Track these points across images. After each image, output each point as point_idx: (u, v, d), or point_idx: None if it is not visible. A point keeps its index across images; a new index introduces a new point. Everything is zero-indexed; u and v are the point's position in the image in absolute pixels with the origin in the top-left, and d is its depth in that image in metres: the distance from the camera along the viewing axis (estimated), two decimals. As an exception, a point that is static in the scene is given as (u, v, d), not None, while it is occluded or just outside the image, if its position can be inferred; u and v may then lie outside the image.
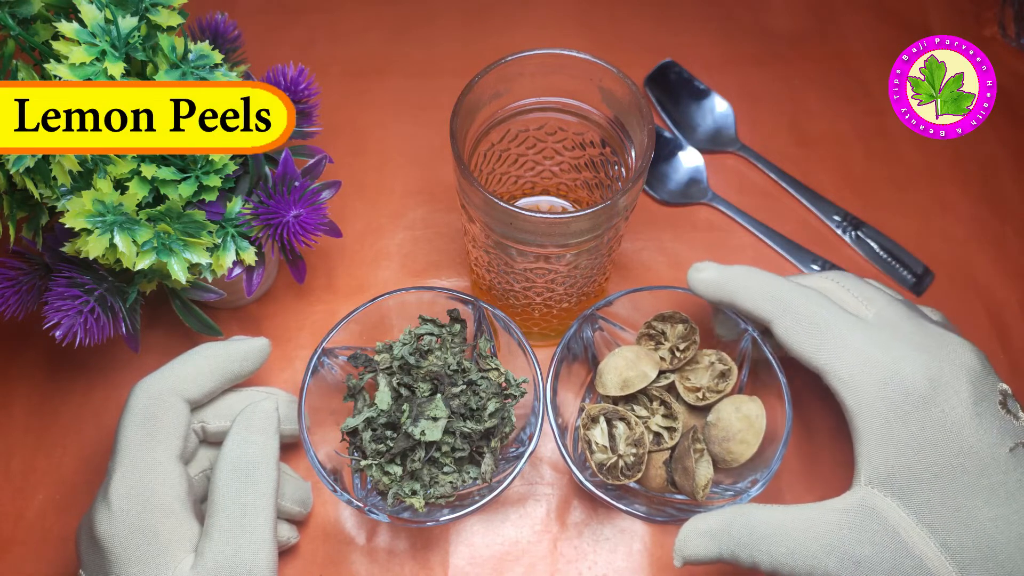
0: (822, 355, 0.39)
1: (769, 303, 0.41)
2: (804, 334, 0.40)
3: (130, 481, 0.38)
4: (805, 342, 0.40)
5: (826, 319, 0.40)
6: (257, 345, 0.44)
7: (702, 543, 0.38)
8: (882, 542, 0.36)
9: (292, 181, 0.45)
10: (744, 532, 0.38)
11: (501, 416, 0.44)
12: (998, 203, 0.57)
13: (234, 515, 0.38)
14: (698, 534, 0.39)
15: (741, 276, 0.43)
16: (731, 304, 0.42)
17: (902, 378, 0.38)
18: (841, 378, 0.39)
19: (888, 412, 0.37)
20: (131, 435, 0.39)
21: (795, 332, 0.40)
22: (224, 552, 0.37)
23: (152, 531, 0.37)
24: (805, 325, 0.40)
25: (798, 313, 0.40)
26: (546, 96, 0.45)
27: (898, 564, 0.36)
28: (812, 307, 0.40)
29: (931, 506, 0.36)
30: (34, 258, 0.45)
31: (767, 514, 0.38)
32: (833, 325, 0.40)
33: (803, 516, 0.38)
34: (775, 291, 0.41)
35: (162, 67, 0.41)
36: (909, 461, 0.37)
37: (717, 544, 0.38)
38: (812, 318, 0.40)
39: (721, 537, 0.38)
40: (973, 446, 0.36)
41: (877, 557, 0.36)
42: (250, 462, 0.39)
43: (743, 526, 0.38)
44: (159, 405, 0.40)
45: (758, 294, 0.42)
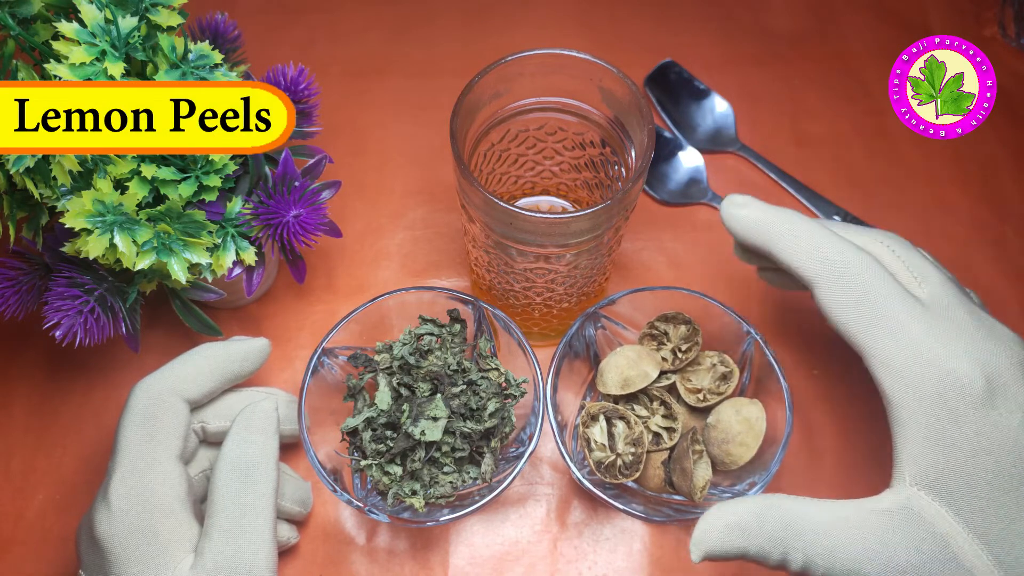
0: (872, 335, 0.35)
1: (816, 262, 0.37)
2: (854, 306, 0.36)
3: (130, 481, 0.38)
4: (854, 316, 0.36)
5: (881, 295, 0.36)
6: (257, 345, 0.44)
7: (728, 537, 0.34)
8: (930, 551, 0.33)
9: (292, 181, 0.45)
10: (778, 526, 0.34)
11: (501, 416, 0.44)
12: (998, 203, 0.57)
13: (234, 515, 0.38)
14: (723, 526, 0.34)
15: (789, 221, 0.37)
16: (767, 251, 0.38)
17: (959, 376, 0.34)
18: (891, 366, 0.35)
19: (941, 411, 0.34)
20: (131, 435, 0.39)
21: (842, 302, 0.36)
22: (224, 552, 0.37)
23: (152, 531, 0.37)
24: (856, 297, 0.36)
25: (850, 280, 0.36)
26: (546, 96, 0.45)
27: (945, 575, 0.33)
28: (867, 275, 0.36)
29: (984, 516, 0.33)
30: (34, 258, 0.45)
31: (802, 507, 0.35)
32: (888, 303, 0.35)
33: (843, 514, 0.34)
34: (826, 248, 0.37)
35: (162, 67, 0.41)
36: (962, 466, 0.34)
37: (745, 539, 0.34)
38: (866, 291, 0.36)
39: (751, 531, 0.34)
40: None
41: (924, 567, 0.33)
42: (250, 462, 0.39)
43: (777, 519, 0.34)
44: (159, 405, 0.40)
45: (806, 248, 0.37)
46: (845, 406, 0.50)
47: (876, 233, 0.40)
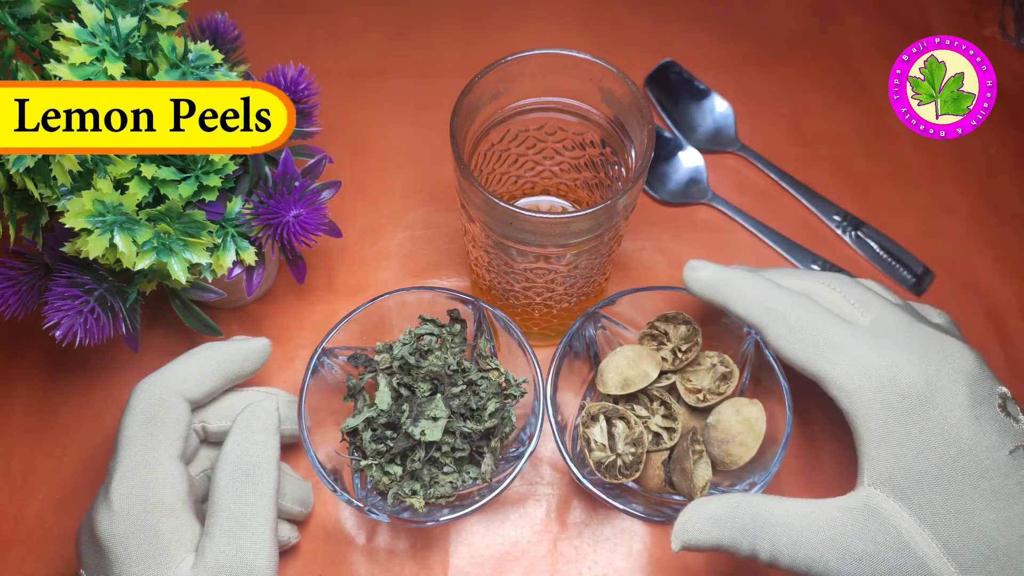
0: (819, 364, 0.39)
1: (761, 311, 0.41)
2: (798, 343, 0.40)
3: (131, 481, 0.38)
4: (800, 351, 0.40)
5: (820, 327, 0.40)
6: (258, 345, 0.44)
7: (704, 528, 0.37)
8: (884, 541, 0.36)
9: (292, 181, 0.45)
10: (748, 519, 0.37)
11: (501, 416, 0.44)
12: (998, 203, 0.57)
13: (235, 515, 0.38)
14: (700, 518, 0.38)
15: (735, 279, 0.42)
16: (723, 306, 0.42)
17: (899, 381, 0.38)
18: (839, 385, 0.39)
19: (887, 415, 0.38)
20: (132, 435, 0.39)
21: (789, 341, 0.40)
22: (225, 552, 0.37)
23: (153, 531, 0.37)
24: (799, 334, 0.40)
25: (791, 322, 0.40)
26: (546, 96, 0.45)
27: (900, 564, 0.36)
28: (805, 315, 0.40)
29: (933, 508, 0.36)
30: (34, 258, 0.45)
31: (772, 503, 0.38)
32: (827, 333, 0.40)
33: (807, 510, 0.38)
34: (767, 299, 0.41)
35: (162, 67, 0.41)
36: (910, 463, 0.37)
37: (719, 530, 0.37)
38: (806, 327, 0.40)
39: (724, 523, 0.37)
40: (972, 448, 0.36)
41: (879, 556, 0.36)
42: (251, 462, 0.39)
43: (747, 513, 0.37)
44: (160, 405, 0.40)
45: (751, 300, 0.42)
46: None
47: (819, 275, 0.43)
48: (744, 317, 0.42)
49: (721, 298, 0.42)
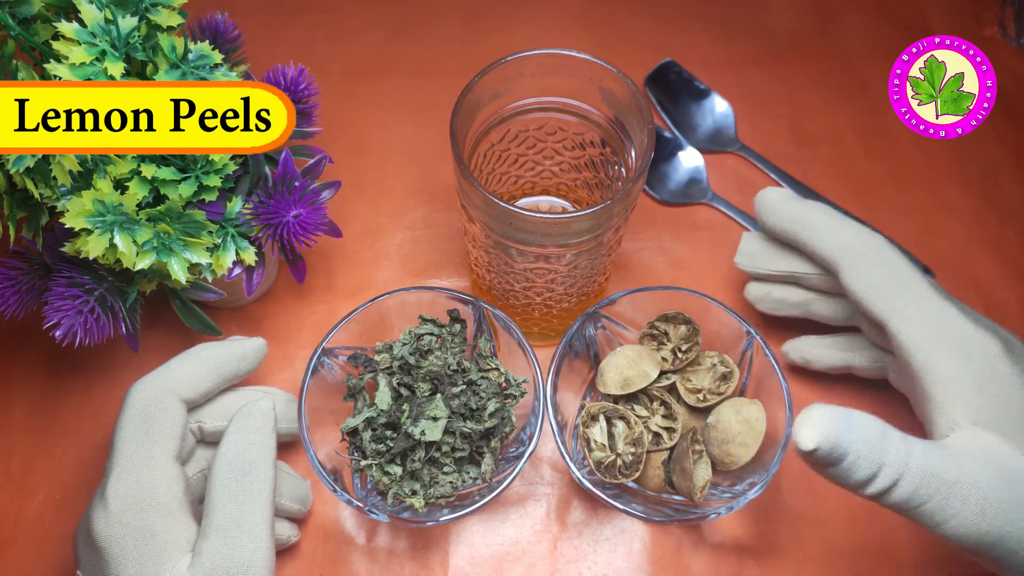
0: (899, 305, 0.40)
1: (843, 247, 0.42)
2: (880, 280, 0.41)
3: (127, 481, 0.38)
4: (881, 289, 0.40)
5: (904, 268, 0.41)
6: (254, 345, 0.44)
7: (841, 427, 0.33)
8: (1007, 477, 0.35)
9: (292, 181, 0.45)
10: (881, 430, 0.35)
11: (501, 416, 0.44)
12: (998, 203, 0.57)
13: (231, 514, 0.38)
14: (837, 416, 0.34)
15: (817, 211, 0.43)
16: (795, 239, 0.43)
17: (982, 334, 0.39)
18: (922, 328, 0.39)
19: (978, 363, 0.38)
20: (128, 435, 0.39)
21: (870, 277, 0.41)
22: (221, 551, 0.37)
23: (150, 531, 0.37)
24: (882, 272, 0.41)
25: (875, 258, 0.41)
26: (546, 96, 0.45)
27: (1021, 501, 0.35)
28: (888, 255, 0.41)
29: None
30: (34, 258, 0.45)
31: (892, 427, 0.36)
32: (908, 276, 0.41)
33: (927, 441, 0.36)
34: (849, 235, 0.42)
35: (162, 67, 0.41)
36: (1005, 408, 0.37)
37: (856, 433, 0.34)
38: (889, 266, 0.41)
39: (860, 427, 0.34)
40: None
41: (1003, 491, 0.35)
42: (247, 461, 0.39)
43: (879, 424, 0.35)
44: (156, 405, 0.40)
45: (833, 236, 0.42)
46: (845, 406, 0.50)
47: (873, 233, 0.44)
48: (817, 249, 0.42)
49: (798, 228, 0.43)
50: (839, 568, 0.46)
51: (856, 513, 0.47)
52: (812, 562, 0.46)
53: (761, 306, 0.49)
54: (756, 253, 0.48)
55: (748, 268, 0.49)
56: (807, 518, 0.47)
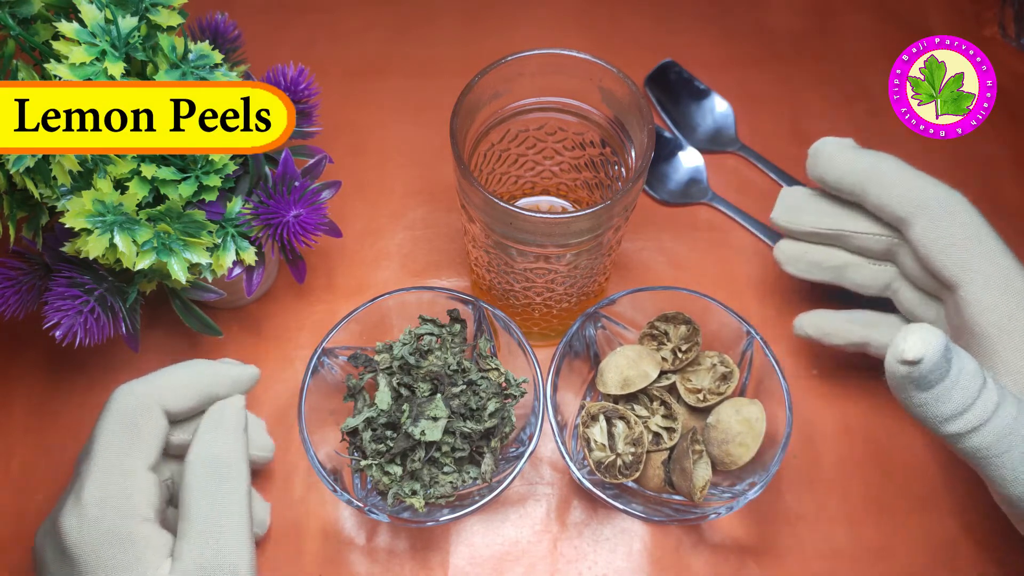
0: (973, 262, 0.38)
1: (915, 199, 0.39)
2: (954, 236, 0.39)
3: (106, 487, 0.37)
4: (959, 247, 0.38)
5: (983, 228, 0.39)
6: (248, 373, 0.42)
7: (949, 345, 0.33)
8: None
9: (292, 181, 0.45)
10: (978, 365, 0.34)
11: (501, 416, 0.44)
12: (998, 203, 0.57)
13: (211, 516, 0.37)
14: (943, 336, 0.33)
15: (886, 160, 0.40)
16: (859, 192, 0.40)
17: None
18: (1003, 287, 0.37)
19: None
20: (110, 440, 0.38)
21: (944, 233, 0.39)
22: (204, 553, 0.36)
23: (128, 538, 0.36)
24: (955, 227, 0.39)
25: (947, 213, 0.39)
26: (546, 96, 0.45)
27: None
28: (962, 211, 0.39)
29: None
30: (34, 258, 0.45)
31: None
32: (990, 236, 0.39)
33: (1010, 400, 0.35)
34: (927, 186, 0.39)
35: (162, 67, 0.41)
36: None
37: (960, 358, 0.34)
38: (969, 223, 0.39)
39: (963, 354, 0.34)
40: None
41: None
42: (222, 461, 0.38)
43: (992, 382, 0.34)
44: (141, 413, 0.38)
45: (902, 187, 0.39)
46: (845, 406, 0.50)
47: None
48: (885, 204, 0.40)
49: (859, 181, 0.40)
50: (839, 568, 0.46)
51: (856, 513, 0.47)
52: (812, 562, 0.46)
53: (791, 268, 0.46)
54: (800, 207, 0.45)
55: (789, 224, 0.45)
56: (807, 518, 0.47)
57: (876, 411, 0.49)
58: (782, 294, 0.53)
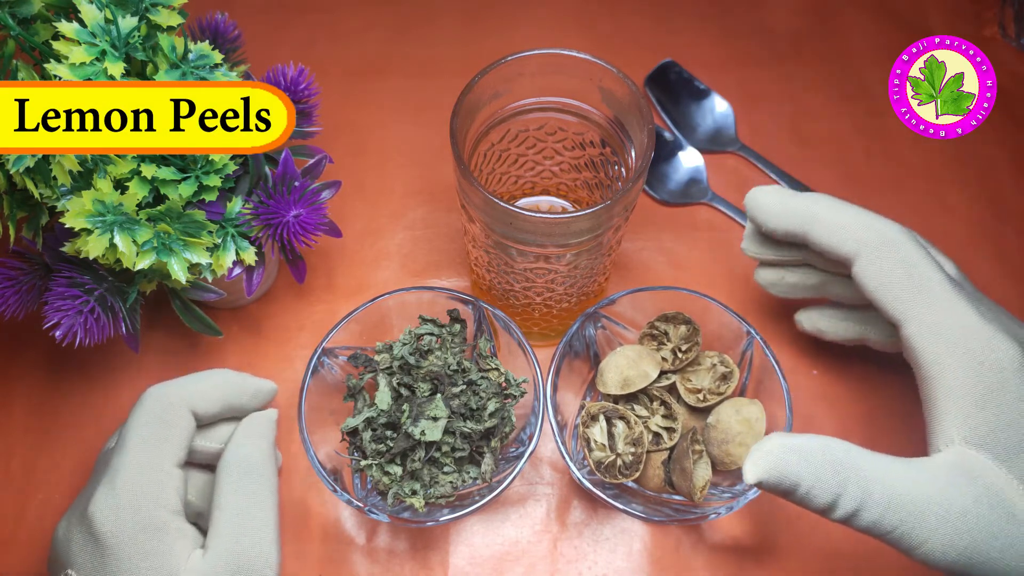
0: (915, 303, 0.37)
1: (860, 235, 0.38)
2: (896, 275, 0.37)
3: (141, 478, 0.38)
4: (898, 285, 0.37)
5: (924, 265, 0.37)
6: (267, 387, 0.45)
7: (790, 460, 0.33)
8: (987, 502, 0.34)
9: (292, 181, 0.45)
10: (840, 459, 0.34)
11: (501, 416, 0.44)
12: (998, 203, 0.57)
13: (245, 508, 0.39)
14: (786, 449, 0.34)
15: (821, 201, 0.39)
16: (802, 234, 0.40)
17: (998, 345, 0.36)
18: (937, 331, 0.36)
19: (987, 376, 0.35)
20: (145, 435, 0.40)
21: (886, 271, 0.38)
22: (239, 543, 0.38)
23: (162, 527, 0.38)
24: (898, 265, 0.37)
25: (895, 251, 0.38)
26: (546, 96, 0.45)
27: (1001, 526, 0.34)
28: (910, 248, 0.38)
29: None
30: (34, 258, 0.45)
31: (863, 452, 0.34)
32: (930, 274, 0.37)
33: (901, 467, 0.34)
34: (870, 224, 0.38)
35: (162, 67, 0.41)
36: (1009, 424, 0.35)
37: (806, 465, 0.33)
38: (907, 259, 0.37)
39: (813, 458, 0.33)
40: None
41: (980, 515, 0.34)
42: (255, 462, 0.41)
43: (839, 452, 0.34)
44: (173, 412, 0.41)
45: (842, 223, 0.38)
46: (845, 406, 0.50)
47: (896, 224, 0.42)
48: (830, 243, 0.39)
49: (801, 223, 0.39)
50: (839, 568, 0.46)
51: (856, 513, 0.47)
52: (812, 562, 0.46)
53: (775, 291, 0.47)
54: (763, 239, 0.46)
55: (757, 255, 0.46)
56: (807, 518, 0.47)
57: (876, 411, 0.49)
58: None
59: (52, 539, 0.40)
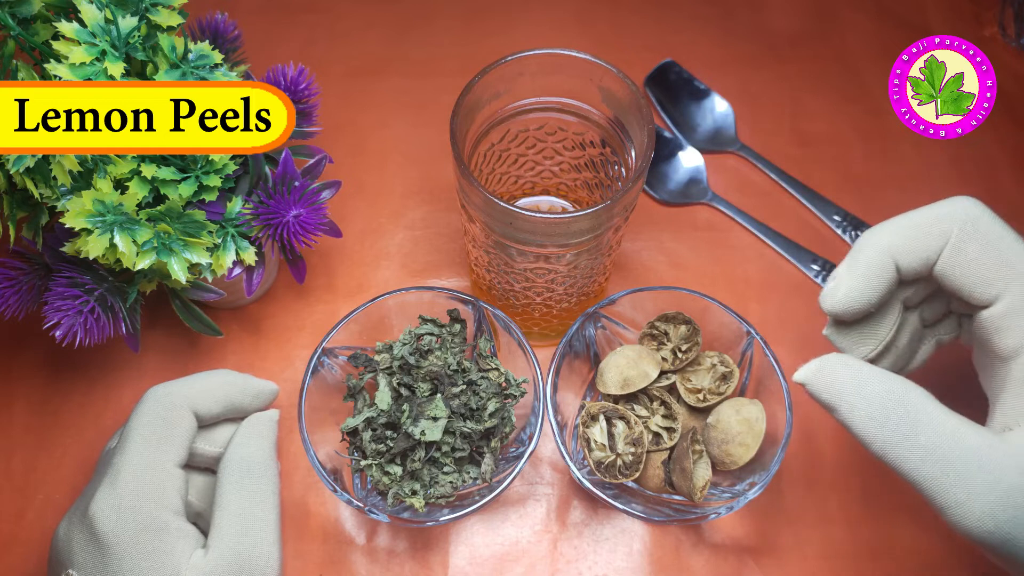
0: (1007, 284, 0.35)
1: (938, 224, 0.36)
2: (984, 255, 0.36)
3: (143, 478, 0.39)
4: (986, 265, 0.36)
5: (1008, 241, 0.36)
6: (269, 388, 0.45)
7: (842, 375, 0.33)
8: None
9: (292, 181, 0.45)
10: (897, 394, 0.33)
11: (501, 416, 0.44)
12: (998, 203, 0.56)
13: (247, 508, 0.39)
14: (842, 364, 0.33)
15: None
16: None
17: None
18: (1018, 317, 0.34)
19: None
20: (147, 435, 0.40)
21: (971, 252, 0.36)
22: (241, 542, 0.38)
23: (164, 527, 0.38)
24: (983, 245, 0.36)
25: (976, 232, 0.37)
26: (546, 96, 0.45)
27: None
28: (993, 226, 0.37)
29: None
30: (34, 258, 0.45)
31: (925, 396, 0.33)
32: (1017, 249, 0.36)
33: (965, 422, 0.33)
34: (942, 210, 0.37)
35: (162, 67, 0.41)
36: None
37: (857, 388, 0.33)
38: (993, 238, 0.36)
39: (867, 384, 0.33)
40: None
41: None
42: (256, 462, 0.41)
43: (900, 388, 0.33)
44: (175, 412, 0.41)
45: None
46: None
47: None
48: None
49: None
50: (839, 568, 0.46)
51: (856, 513, 0.47)
52: (812, 562, 0.46)
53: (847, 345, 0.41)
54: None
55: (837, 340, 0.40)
56: (807, 518, 0.47)
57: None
58: (783, 294, 0.53)
59: (53, 539, 0.40)
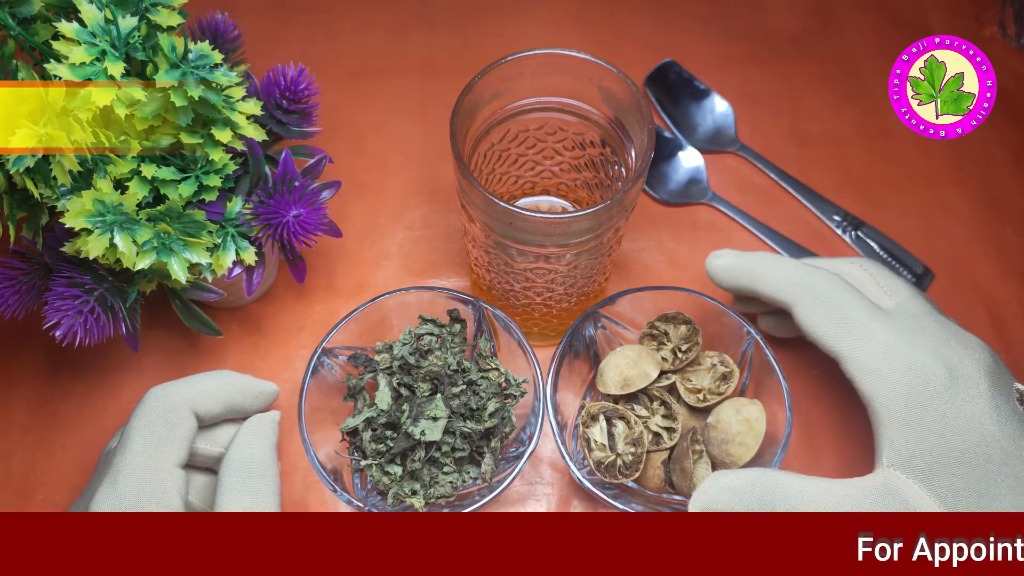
0: (843, 341, 0.41)
1: (792, 288, 0.43)
2: (826, 319, 0.41)
3: (143, 478, 0.39)
4: (826, 327, 0.41)
5: (848, 305, 0.41)
6: (270, 389, 0.45)
7: (722, 498, 0.39)
8: None
9: (292, 181, 0.45)
10: (766, 491, 0.38)
11: (501, 416, 0.44)
12: (998, 203, 0.57)
13: (247, 508, 0.39)
14: (719, 488, 0.39)
15: (762, 261, 0.44)
16: (751, 289, 0.44)
17: (922, 367, 0.39)
18: (862, 365, 0.40)
19: (909, 398, 0.39)
20: (148, 435, 0.40)
21: (816, 316, 0.42)
22: None
23: None
24: (827, 310, 0.41)
25: (820, 298, 0.42)
26: (546, 96, 0.45)
27: None
28: (835, 293, 0.42)
29: (954, 490, 0.37)
30: (34, 258, 0.45)
31: (790, 478, 0.39)
32: (855, 312, 0.41)
33: (824, 487, 0.38)
34: (798, 276, 0.43)
35: (162, 67, 0.41)
36: (931, 445, 0.38)
37: (737, 500, 0.38)
38: (834, 303, 0.41)
39: (743, 493, 0.39)
40: (995, 435, 0.37)
41: None
42: (257, 462, 0.41)
43: (767, 484, 0.39)
44: (176, 413, 0.41)
45: (780, 279, 0.43)
46: (845, 406, 0.50)
47: (851, 259, 0.46)
48: (773, 296, 0.43)
49: (748, 282, 0.44)
50: (839, 568, 0.45)
51: (856, 513, 0.47)
52: (812, 562, 0.46)
53: (778, 333, 0.50)
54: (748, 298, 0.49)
55: (744, 308, 0.50)
56: (807, 518, 0.47)
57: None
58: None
59: None
